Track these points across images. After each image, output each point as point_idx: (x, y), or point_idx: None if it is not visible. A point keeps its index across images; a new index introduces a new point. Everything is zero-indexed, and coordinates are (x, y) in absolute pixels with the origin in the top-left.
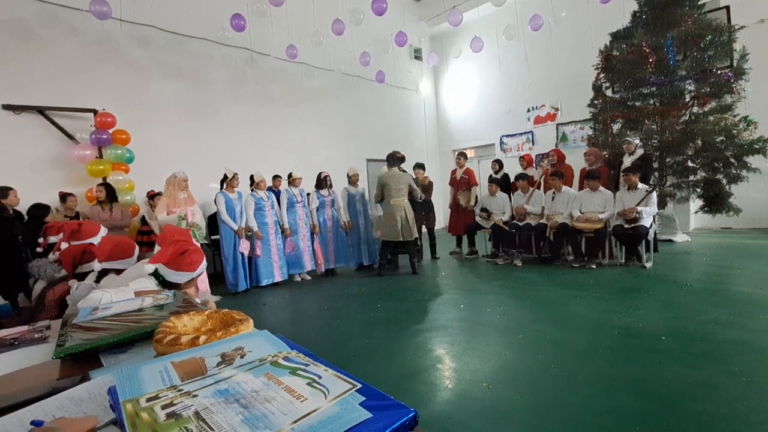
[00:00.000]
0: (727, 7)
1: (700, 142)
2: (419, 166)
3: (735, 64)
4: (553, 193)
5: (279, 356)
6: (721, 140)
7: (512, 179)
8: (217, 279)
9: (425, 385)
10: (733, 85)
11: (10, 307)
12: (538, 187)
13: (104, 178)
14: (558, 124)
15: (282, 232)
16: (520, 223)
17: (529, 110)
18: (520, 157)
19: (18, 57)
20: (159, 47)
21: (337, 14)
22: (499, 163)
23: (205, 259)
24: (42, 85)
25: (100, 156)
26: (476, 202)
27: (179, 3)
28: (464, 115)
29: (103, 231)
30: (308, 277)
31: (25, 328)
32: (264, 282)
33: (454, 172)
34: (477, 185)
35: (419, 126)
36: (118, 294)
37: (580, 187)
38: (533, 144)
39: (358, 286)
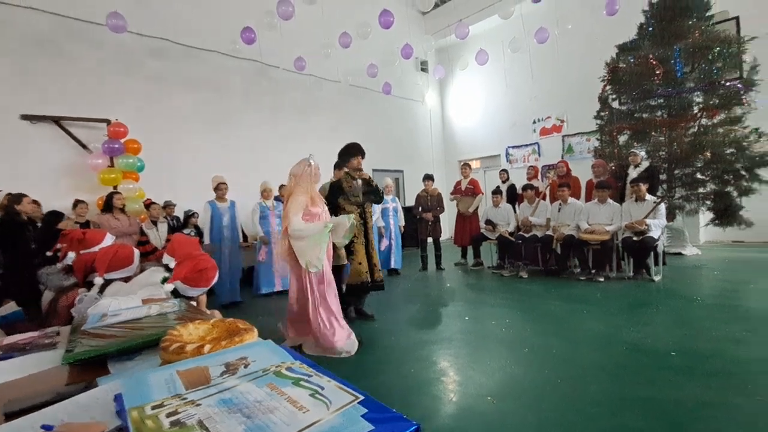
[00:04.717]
0: (737, 18)
1: (709, 154)
2: (428, 178)
3: (745, 76)
4: (560, 204)
5: (282, 366)
6: (731, 152)
7: (518, 190)
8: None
9: (429, 397)
10: (743, 97)
11: (22, 313)
12: (544, 198)
13: (115, 187)
14: (564, 136)
15: None
16: (526, 235)
17: (534, 122)
18: (528, 168)
19: (35, 69)
20: (172, 59)
21: (345, 27)
22: (506, 173)
23: (217, 271)
24: (58, 96)
25: (112, 165)
26: (477, 209)
27: (192, 16)
28: (470, 126)
29: (110, 239)
30: None
31: (36, 333)
32: (264, 290)
33: (458, 182)
34: (482, 194)
35: (425, 137)
36: (126, 301)
37: (587, 199)
38: (539, 155)
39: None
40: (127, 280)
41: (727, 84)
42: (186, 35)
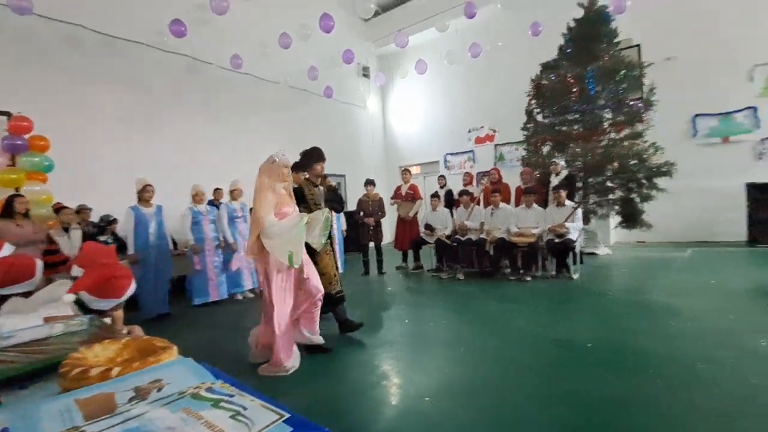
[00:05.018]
0: (638, 46)
1: (617, 165)
2: (370, 183)
3: (645, 96)
4: (492, 209)
5: (202, 387)
6: (634, 163)
7: (455, 195)
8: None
9: (370, 402)
10: (644, 115)
11: None
12: (478, 203)
13: (17, 189)
14: (496, 145)
15: (225, 248)
16: (462, 238)
17: (470, 131)
18: (464, 174)
19: None
20: (89, 50)
21: (285, 28)
22: (444, 179)
23: (133, 281)
24: None
25: (13, 164)
26: (416, 213)
27: (113, 3)
28: (410, 133)
29: (8, 248)
30: (251, 296)
31: None
32: (197, 301)
33: (399, 188)
34: (421, 199)
35: (367, 142)
36: (24, 320)
37: (516, 204)
38: (474, 162)
39: None
40: (27, 295)
41: (631, 103)
42: (106, 23)
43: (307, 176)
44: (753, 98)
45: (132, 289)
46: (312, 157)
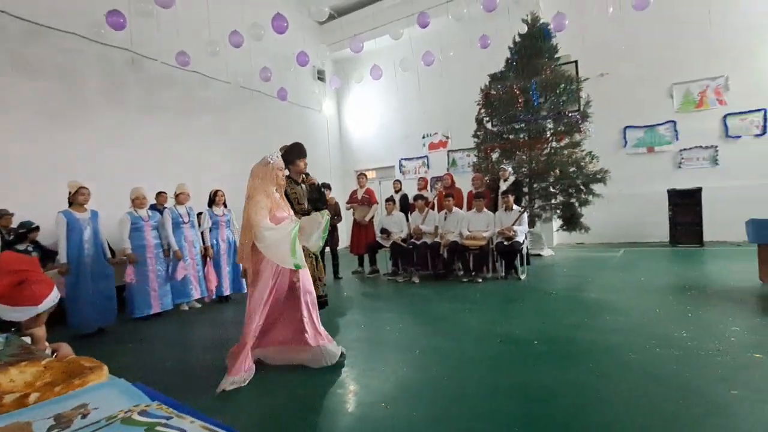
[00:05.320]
0: (576, 62)
1: (558, 171)
2: (326, 187)
3: (582, 109)
4: (446, 213)
5: (134, 411)
6: (573, 170)
7: (410, 200)
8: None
9: (325, 411)
10: (581, 126)
11: None
12: (432, 208)
13: None
14: (449, 151)
15: (169, 255)
16: (417, 242)
17: (424, 136)
18: (419, 179)
19: None
20: (7, 37)
21: (235, 26)
22: (399, 183)
23: (55, 289)
24: None
25: None
26: (372, 218)
27: None
28: (366, 138)
29: None
30: (198, 305)
31: None
32: (138, 314)
33: (354, 192)
34: (377, 204)
35: (323, 146)
36: None
37: (468, 208)
38: (428, 168)
39: None
40: None
41: (570, 114)
42: (33, 10)
43: (288, 174)
44: (672, 113)
45: (53, 298)
46: (293, 153)
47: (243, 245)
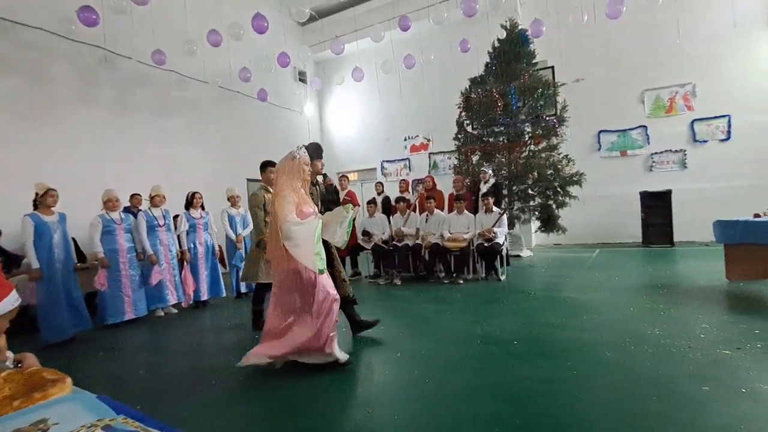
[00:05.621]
0: (552, 67)
1: (536, 174)
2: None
3: (558, 113)
4: (427, 215)
5: (98, 426)
6: (550, 173)
7: (392, 202)
8: (31, 325)
9: (308, 419)
10: (558, 130)
11: None
12: (414, 210)
13: None
14: (430, 153)
15: (143, 259)
16: (399, 244)
17: (406, 139)
18: (401, 181)
19: None
20: None
21: (214, 25)
22: (381, 185)
23: (14, 292)
24: None
25: None
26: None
27: None
28: (348, 139)
29: None
30: (174, 311)
31: None
32: (110, 321)
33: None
34: (359, 206)
35: None
36: None
37: (449, 210)
38: (410, 170)
39: (231, 318)
40: None
41: (547, 119)
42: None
43: None
44: (644, 118)
45: (11, 301)
46: (311, 152)
47: (273, 243)
